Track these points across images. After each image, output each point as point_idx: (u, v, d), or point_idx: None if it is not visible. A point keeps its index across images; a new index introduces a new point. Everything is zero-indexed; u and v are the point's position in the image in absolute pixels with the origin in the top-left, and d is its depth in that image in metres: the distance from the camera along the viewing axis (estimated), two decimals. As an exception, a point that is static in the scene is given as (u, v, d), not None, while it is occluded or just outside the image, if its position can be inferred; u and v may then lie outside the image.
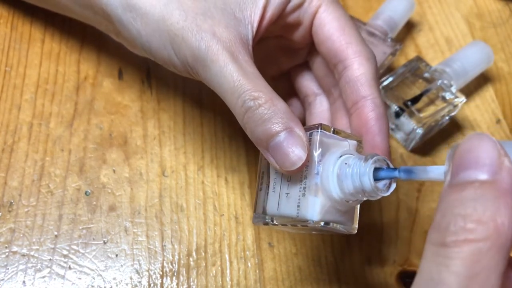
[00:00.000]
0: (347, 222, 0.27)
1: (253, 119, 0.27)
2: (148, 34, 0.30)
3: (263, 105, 0.27)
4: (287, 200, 0.27)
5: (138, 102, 0.39)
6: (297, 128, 0.26)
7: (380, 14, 0.42)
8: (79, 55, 0.41)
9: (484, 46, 0.41)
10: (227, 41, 0.28)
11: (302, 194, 0.26)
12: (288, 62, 0.35)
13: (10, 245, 0.34)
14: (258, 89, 0.27)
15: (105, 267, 0.33)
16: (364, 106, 0.29)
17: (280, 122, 0.26)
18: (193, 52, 0.28)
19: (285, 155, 0.26)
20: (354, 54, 0.30)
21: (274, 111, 0.26)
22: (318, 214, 0.26)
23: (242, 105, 0.27)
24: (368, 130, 0.29)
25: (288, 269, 0.34)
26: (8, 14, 0.42)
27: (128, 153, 0.37)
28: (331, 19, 0.31)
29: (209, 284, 0.33)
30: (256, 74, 0.28)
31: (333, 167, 0.26)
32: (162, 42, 0.30)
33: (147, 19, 0.30)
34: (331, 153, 0.26)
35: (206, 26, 0.28)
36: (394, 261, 0.35)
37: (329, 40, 0.31)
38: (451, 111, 0.38)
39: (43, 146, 0.37)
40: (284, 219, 0.27)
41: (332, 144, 0.27)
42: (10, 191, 0.35)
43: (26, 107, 0.38)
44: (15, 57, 0.40)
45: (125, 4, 0.30)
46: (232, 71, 0.27)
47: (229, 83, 0.27)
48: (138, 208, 0.35)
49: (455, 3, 0.47)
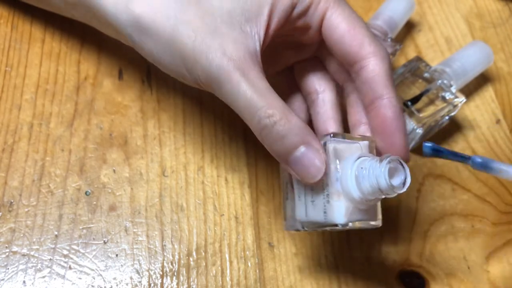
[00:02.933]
0: (372, 217, 0.29)
1: (270, 136, 0.28)
2: (159, 52, 0.31)
3: (278, 122, 0.27)
4: (313, 207, 0.29)
5: (138, 102, 0.39)
6: (313, 141, 0.28)
7: (380, 14, 0.42)
8: (79, 55, 0.41)
9: (484, 46, 0.41)
10: (237, 59, 0.28)
11: (327, 201, 0.28)
12: (294, 57, 0.35)
13: (10, 245, 0.34)
14: (272, 105, 0.28)
15: (105, 267, 0.33)
16: (381, 106, 0.30)
17: (297, 138, 0.28)
18: (205, 72, 0.29)
19: (304, 169, 0.28)
20: (367, 55, 0.30)
21: (289, 128, 0.28)
22: (344, 217, 0.28)
23: (258, 123, 0.28)
24: (386, 129, 0.30)
25: (288, 269, 0.34)
26: (8, 14, 0.42)
27: (128, 153, 0.37)
28: (340, 21, 0.30)
29: (209, 284, 0.33)
30: (268, 89, 0.28)
31: (350, 171, 0.27)
32: (174, 61, 0.30)
33: (157, 39, 0.30)
34: (347, 158, 0.28)
35: (215, 45, 0.29)
36: (394, 261, 0.35)
37: (340, 43, 0.31)
38: (451, 111, 0.38)
39: (43, 146, 0.37)
40: (314, 225, 0.29)
41: (345, 149, 0.28)
42: (10, 191, 0.35)
43: (26, 107, 0.38)
44: (15, 57, 0.40)
45: (134, 24, 0.31)
46: (245, 90, 0.28)
47: (243, 101, 0.28)
48: (138, 208, 0.36)
49: (455, 3, 0.48)
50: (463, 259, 0.36)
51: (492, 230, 0.37)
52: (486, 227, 0.37)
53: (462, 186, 0.38)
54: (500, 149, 0.40)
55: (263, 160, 0.37)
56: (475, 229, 0.37)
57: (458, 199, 0.38)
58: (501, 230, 0.37)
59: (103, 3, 0.32)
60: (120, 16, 0.31)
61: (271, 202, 0.37)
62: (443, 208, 0.37)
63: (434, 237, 0.36)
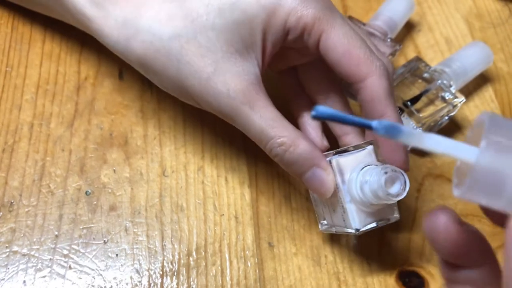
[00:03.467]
0: (388, 214, 0.31)
1: (282, 163, 0.31)
2: (168, 87, 0.33)
3: (288, 149, 0.30)
4: (335, 214, 0.32)
5: (138, 102, 0.39)
6: (322, 163, 0.30)
7: (380, 14, 0.42)
8: (80, 56, 0.41)
9: (483, 47, 0.41)
10: (241, 93, 0.30)
11: (343, 211, 0.31)
12: (298, 59, 0.35)
13: (10, 245, 0.34)
14: (280, 134, 0.30)
15: (106, 267, 0.34)
16: None
17: (306, 162, 0.30)
18: (215, 109, 0.31)
19: (316, 188, 0.31)
20: (365, 76, 0.31)
21: (299, 154, 0.30)
22: (360, 223, 0.30)
23: (270, 152, 0.31)
24: (387, 147, 0.31)
25: (288, 268, 0.34)
26: (8, 15, 0.42)
27: (128, 153, 0.37)
28: (335, 44, 0.31)
29: (209, 283, 0.33)
30: (275, 117, 0.30)
31: (355, 182, 0.30)
32: (185, 96, 0.32)
33: (164, 78, 0.32)
34: (353, 169, 0.30)
35: (220, 85, 0.30)
36: (393, 261, 0.35)
37: (338, 65, 0.31)
38: (451, 111, 0.38)
39: (43, 146, 0.37)
40: (340, 228, 0.32)
41: (349, 160, 0.31)
42: (10, 191, 0.35)
43: (26, 107, 0.38)
44: (15, 57, 0.40)
45: (140, 62, 0.32)
46: (255, 122, 0.30)
47: (254, 133, 0.31)
48: (139, 208, 0.36)
49: (454, 3, 0.48)
50: (462, 259, 0.36)
51: (492, 230, 0.37)
52: (486, 227, 0.37)
53: (461, 186, 0.38)
54: (499, 149, 0.40)
55: (263, 160, 0.37)
56: (474, 229, 0.37)
57: (458, 199, 0.38)
58: (501, 230, 0.37)
59: (105, 39, 0.33)
60: (124, 53, 0.32)
61: (271, 202, 0.37)
62: (442, 208, 0.37)
63: (433, 237, 0.36)
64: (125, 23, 0.31)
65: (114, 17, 0.32)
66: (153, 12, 0.31)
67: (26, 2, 0.40)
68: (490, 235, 0.37)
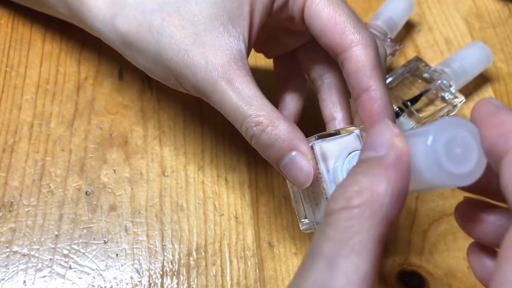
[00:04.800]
0: None
1: (259, 145, 0.28)
2: (151, 67, 0.31)
3: (265, 130, 0.27)
4: (318, 209, 0.29)
5: (138, 102, 0.39)
6: (302, 146, 0.27)
7: (380, 14, 0.42)
8: (80, 55, 0.41)
9: (483, 47, 0.41)
10: (220, 67, 0.28)
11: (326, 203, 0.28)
12: (292, 43, 0.34)
13: (10, 245, 0.34)
14: (258, 113, 0.27)
15: (106, 267, 0.34)
16: (365, 100, 0.29)
17: (284, 144, 0.27)
18: (193, 84, 0.29)
19: (294, 175, 0.28)
20: (350, 45, 0.29)
21: (276, 135, 0.27)
22: None
23: (246, 132, 0.28)
24: (372, 123, 0.29)
25: (288, 268, 0.34)
26: (8, 15, 0.42)
27: (128, 153, 0.37)
28: (320, 11, 0.30)
29: (209, 283, 0.33)
30: (254, 95, 0.28)
31: (341, 172, 0.27)
32: (165, 74, 0.31)
33: (145, 55, 0.30)
34: (338, 156, 0.28)
35: (198, 56, 0.28)
36: (393, 261, 0.35)
37: (322, 32, 0.30)
38: (450, 111, 0.38)
39: (43, 146, 0.37)
40: None
41: (334, 146, 0.28)
42: (10, 191, 0.35)
43: (26, 107, 0.38)
44: (15, 57, 0.40)
45: (122, 41, 0.31)
46: (231, 99, 0.28)
47: (230, 110, 0.28)
48: (139, 207, 0.36)
49: (454, 3, 0.48)
50: (462, 259, 0.36)
51: (492, 230, 0.37)
52: (486, 227, 0.37)
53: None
54: (499, 149, 0.40)
55: (263, 160, 0.37)
56: (474, 229, 0.37)
57: (458, 199, 0.38)
58: (501, 230, 0.37)
59: (92, 21, 0.32)
60: (109, 34, 0.32)
61: (271, 202, 0.37)
62: (442, 208, 0.37)
63: (433, 237, 0.36)
64: (113, 0, 0.31)
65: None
66: None
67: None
68: (490, 235, 0.37)
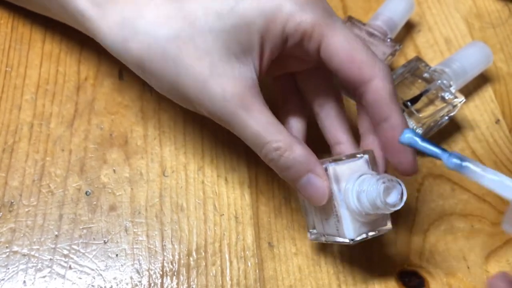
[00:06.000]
0: (381, 224, 0.31)
1: (277, 168, 0.31)
2: (165, 90, 0.32)
3: (283, 154, 0.30)
4: (327, 223, 0.31)
5: (138, 102, 0.39)
6: (317, 169, 0.30)
7: (380, 14, 0.42)
8: (80, 56, 0.41)
9: (483, 47, 0.41)
10: (237, 98, 0.30)
11: (337, 220, 0.30)
12: (297, 66, 0.35)
13: (10, 245, 0.34)
14: (276, 138, 0.30)
15: (106, 267, 0.34)
16: (386, 129, 0.31)
17: (301, 167, 0.30)
18: (211, 113, 0.31)
19: (310, 194, 0.30)
20: (368, 79, 0.30)
21: (294, 158, 0.30)
22: (354, 233, 0.30)
23: (265, 156, 0.31)
24: (393, 149, 0.31)
25: (288, 268, 0.34)
26: (8, 15, 0.42)
27: (128, 153, 0.37)
28: (337, 50, 0.31)
29: (209, 283, 0.33)
30: (271, 122, 0.30)
31: (352, 192, 0.29)
32: (181, 99, 0.32)
33: (161, 80, 0.32)
34: (349, 178, 0.30)
35: (215, 87, 0.30)
36: (393, 261, 0.35)
37: (341, 70, 0.31)
38: (450, 111, 0.38)
39: (43, 146, 0.37)
40: (331, 237, 0.32)
41: (346, 169, 0.30)
42: (10, 191, 0.35)
43: (26, 107, 0.38)
44: (15, 57, 0.40)
45: (135, 63, 0.32)
46: (250, 127, 0.30)
47: (249, 137, 0.30)
48: (139, 208, 0.36)
49: (454, 3, 0.48)
50: (462, 259, 0.36)
51: (492, 230, 0.37)
52: (486, 227, 0.37)
53: (461, 186, 0.38)
54: (499, 149, 0.40)
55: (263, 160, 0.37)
56: (474, 229, 0.37)
57: (458, 199, 0.38)
58: (501, 230, 0.37)
59: (102, 39, 0.32)
60: (120, 54, 0.32)
61: (271, 202, 0.37)
62: (442, 208, 0.37)
63: (433, 237, 0.36)
64: (124, 23, 0.31)
65: (113, 17, 0.31)
66: (152, 14, 0.31)
67: (23, 2, 0.40)
68: (490, 236, 0.37)
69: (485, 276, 0.35)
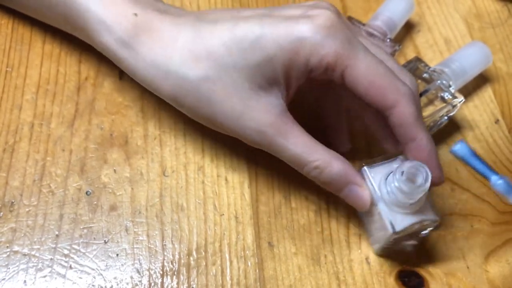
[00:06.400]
0: (424, 214, 0.32)
1: (320, 183, 0.33)
2: (200, 120, 0.34)
3: (323, 172, 0.32)
4: (376, 226, 0.33)
5: (138, 102, 0.40)
6: (356, 179, 0.32)
7: (379, 14, 0.42)
8: (80, 56, 0.41)
9: (482, 47, 0.41)
10: (272, 127, 0.32)
11: (380, 217, 0.32)
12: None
13: (11, 245, 0.34)
14: (314, 158, 0.32)
15: (106, 267, 0.34)
16: (414, 149, 0.32)
17: (341, 180, 0.32)
18: (249, 142, 0.33)
19: (353, 202, 0.33)
20: (392, 104, 0.31)
21: (334, 174, 0.32)
22: (398, 226, 0.32)
23: (307, 174, 0.33)
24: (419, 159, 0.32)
25: (287, 268, 0.34)
26: (9, 15, 0.42)
27: (129, 153, 0.37)
28: (360, 77, 0.31)
29: (209, 283, 0.34)
30: (307, 142, 0.32)
31: (386, 188, 0.32)
32: (216, 128, 0.34)
33: (196, 116, 0.34)
34: (384, 177, 0.32)
35: (249, 121, 0.32)
36: (393, 261, 0.35)
37: (366, 96, 0.32)
38: (450, 111, 0.38)
39: (44, 146, 0.37)
40: (385, 240, 0.33)
41: (380, 170, 0.33)
42: (11, 191, 0.35)
43: (27, 107, 0.38)
44: (16, 57, 0.40)
45: (172, 99, 0.34)
46: (289, 151, 0.32)
47: (289, 160, 0.33)
48: (139, 207, 0.36)
49: (453, 3, 0.48)
50: (462, 259, 0.36)
51: (491, 229, 0.37)
52: (485, 226, 0.37)
53: (461, 186, 0.38)
54: (499, 149, 0.40)
55: (263, 160, 0.38)
56: (474, 229, 0.37)
57: (457, 199, 0.38)
58: (500, 230, 0.37)
59: (136, 77, 0.34)
60: (154, 90, 0.34)
61: (271, 202, 0.37)
62: (442, 208, 0.38)
63: (433, 236, 0.36)
64: (154, 64, 0.33)
65: (143, 58, 0.33)
66: (178, 54, 0.32)
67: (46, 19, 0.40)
68: (489, 235, 0.37)
69: (484, 276, 0.35)
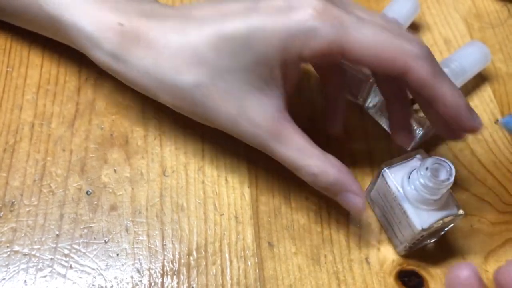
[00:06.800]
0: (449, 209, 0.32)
1: (315, 186, 0.33)
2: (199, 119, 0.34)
3: (318, 178, 0.32)
4: (401, 225, 0.33)
5: (139, 102, 0.40)
6: (352, 186, 0.32)
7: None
8: (81, 56, 0.41)
9: (482, 46, 0.41)
10: (267, 130, 0.32)
11: (406, 217, 0.32)
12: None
13: (11, 245, 0.34)
14: (308, 163, 0.32)
15: (106, 266, 0.34)
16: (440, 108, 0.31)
17: (337, 186, 0.32)
18: (246, 140, 0.33)
19: (348, 208, 0.33)
20: (404, 68, 0.30)
21: (329, 181, 0.32)
22: (425, 223, 0.32)
23: (302, 178, 0.32)
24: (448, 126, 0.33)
25: (287, 268, 0.35)
26: (9, 15, 0.42)
27: (129, 153, 0.38)
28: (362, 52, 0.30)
29: (209, 283, 0.34)
30: (302, 146, 0.32)
31: (409, 186, 0.32)
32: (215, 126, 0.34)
33: (194, 118, 0.34)
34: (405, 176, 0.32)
35: (246, 124, 0.32)
36: (393, 260, 0.35)
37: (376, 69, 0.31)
38: (450, 111, 0.38)
39: (44, 146, 0.37)
40: (412, 239, 0.33)
41: (400, 169, 0.33)
42: (11, 191, 0.35)
43: (27, 107, 0.38)
44: (16, 57, 0.40)
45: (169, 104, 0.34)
46: (283, 154, 0.32)
47: (284, 162, 0.32)
48: (139, 207, 0.36)
49: (453, 3, 0.48)
50: (462, 259, 0.36)
51: (491, 229, 0.37)
52: (485, 226, 0.37)
53: (460, 185, 0.39)
54: (498, 149, 0.40)
55: (263, 160, 0.38)
56: (474, 229, 0.37)
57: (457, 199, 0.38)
58: (500, 229, 0.37)
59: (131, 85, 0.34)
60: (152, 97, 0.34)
61: (271, 202, 0.37)
62: (442, 208, 0.38)
63: (433, 236, 0.36)
64: (147, 74, 0.32)
65: (136, 69, 0.33)
66: (169, 62, 0.32)
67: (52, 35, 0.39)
68: (489, 235, 0.37)
69: (484, 276, 0.35)
